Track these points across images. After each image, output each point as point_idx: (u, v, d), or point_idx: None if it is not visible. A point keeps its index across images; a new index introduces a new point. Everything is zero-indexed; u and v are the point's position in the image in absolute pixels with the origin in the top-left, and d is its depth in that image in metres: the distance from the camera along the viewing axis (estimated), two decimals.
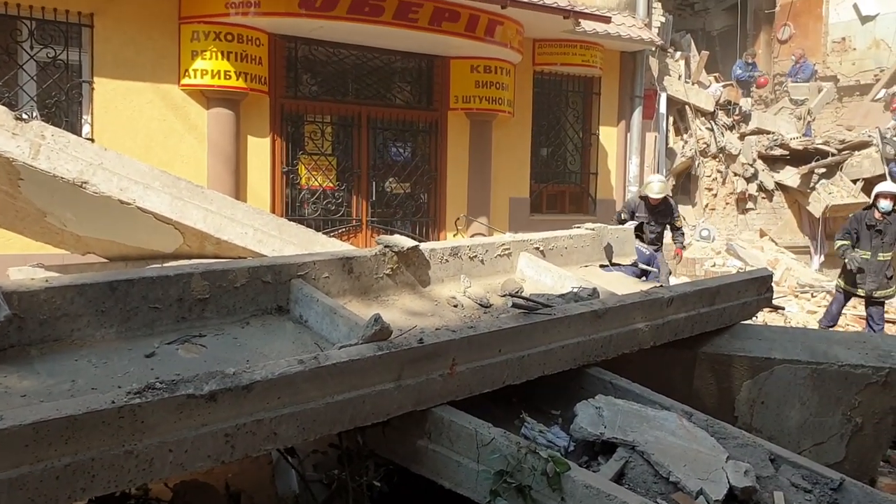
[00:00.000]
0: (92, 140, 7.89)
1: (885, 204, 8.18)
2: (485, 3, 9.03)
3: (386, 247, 3.66)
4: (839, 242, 8.48)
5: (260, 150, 9.10)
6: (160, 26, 8.41)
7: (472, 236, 9.83)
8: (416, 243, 3.76)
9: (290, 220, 4.53)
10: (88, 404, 2.02)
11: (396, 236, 3.79)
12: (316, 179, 9.63)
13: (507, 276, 4.18)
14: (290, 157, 9.42)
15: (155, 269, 3.30)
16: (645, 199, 8.95)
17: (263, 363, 2.43)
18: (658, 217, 8.95)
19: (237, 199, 7.19)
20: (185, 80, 8.53)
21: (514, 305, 3.26)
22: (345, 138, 9.90)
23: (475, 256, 4.11)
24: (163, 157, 8.27)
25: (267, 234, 4.10)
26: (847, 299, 8.67)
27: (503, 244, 4.27)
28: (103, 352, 2.72)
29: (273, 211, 8.88)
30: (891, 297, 8.47)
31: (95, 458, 2.00)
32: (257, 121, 9.03)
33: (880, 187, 8.50)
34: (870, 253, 8.25)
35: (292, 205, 9.45)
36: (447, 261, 3.98)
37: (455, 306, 3.75)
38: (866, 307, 8.61)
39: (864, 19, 16.13)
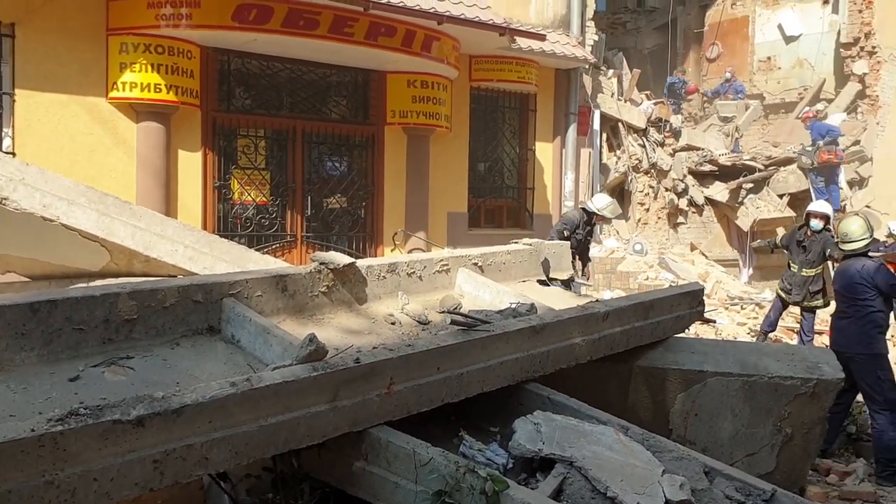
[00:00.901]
0: (13, 154, 7.59)
1: (815, 223, 8.49)
2: (421, 18, 9.05)
3: (321, 264, 3.60)
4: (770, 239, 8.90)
5: (191, 165, 8.90)
6: (86, 38, 8.16)
7: (409, 251, 9.81)
8: (352, 260, 3.71)
9: (222, 236, 4.44)
10: (6, 433, 1.91)
11: (332, 253, 3.74)
12: (249, 194, 9.47)
13: (446, 293, 4.17)
14: (223, 172, 9.24)
15: (80, 288, 3.17)
16: (590, 215, 9.26)
17: (194, 386, 2.36)
18: (589, 233, 9.36)
19: (168, 215, 7.03)
20: (114, 94, 8.29)
21: (453, 322, 3.24)
22: (279, 152, 9.77)
23: (413, 273, 4.08)
24: (89, 172, 8.01)
25: (198, 252, 4.00)
26: (784, 305, 8.95)
27: (441, 260, 4.25)
28: (23, 376, 2.59)
29: (205, 227, 8.69)
30: (819, 307, 8.76)
31: (13, 489, 1.90)
32: (189, 135, 8.83)
33: (812, 207, 8.82)
34: (796, 267, 8.55)
35: (225, 220, 9.26)
36: (384, 277, 3.94)
37: (393, 324, 3.71)
38: (801, 315, 8.97)
39: (789, 39, 16.75)
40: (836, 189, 13.66)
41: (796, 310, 9.22)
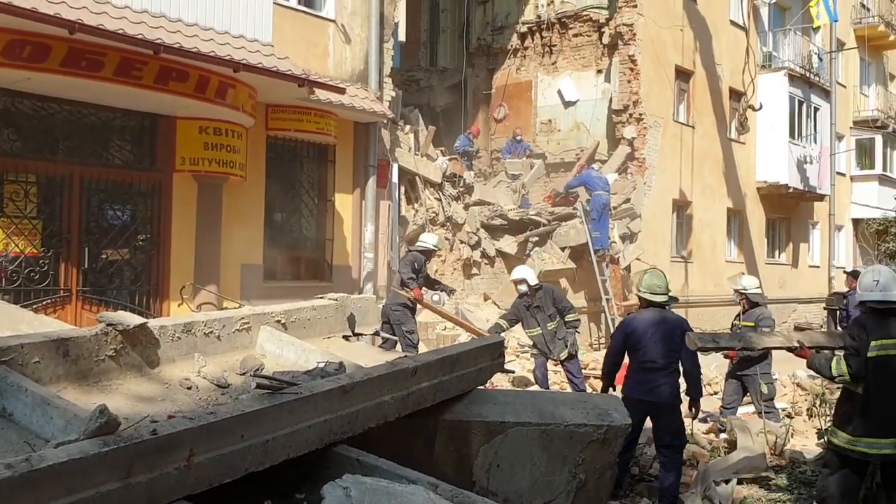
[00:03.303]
0: None
1: (521, 288, 9.12)
2: (216, 65, 8.77)
3: (109, 325, 3.29)
4: (497, 322, 9.43)
5: None
6: None
7: (199, 306, 9.31)
8: (143, 320, 3.43)
9: None
10: None
11: (121, 313, 3.43)
12: (17, 245, 8.58)
13: (247, 353, 3.96)
14: None
15: None
16: (425, 253, 9.80)
17: None
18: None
19: None
20: None
21: (259, 386, 3.06)
22: (53, 200, 8.96)
23: (211, 332, 3.84)
24: None
25: None
26: (546, 359, 9.41)
27: (242, 318, 4.04)
28: None
29: None
30: (575, 352, 9.31)
31: None
32: None
33: (513, 275, 9.37)
34: (539, 328, 9.08)
35: None
36: (179, 338, 3.68)
37: (189, 388, 3.46)
38: (562, 365, 9.43)
39: (567, 104, 18.09)
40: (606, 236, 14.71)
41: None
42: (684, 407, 6.24)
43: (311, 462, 3.33)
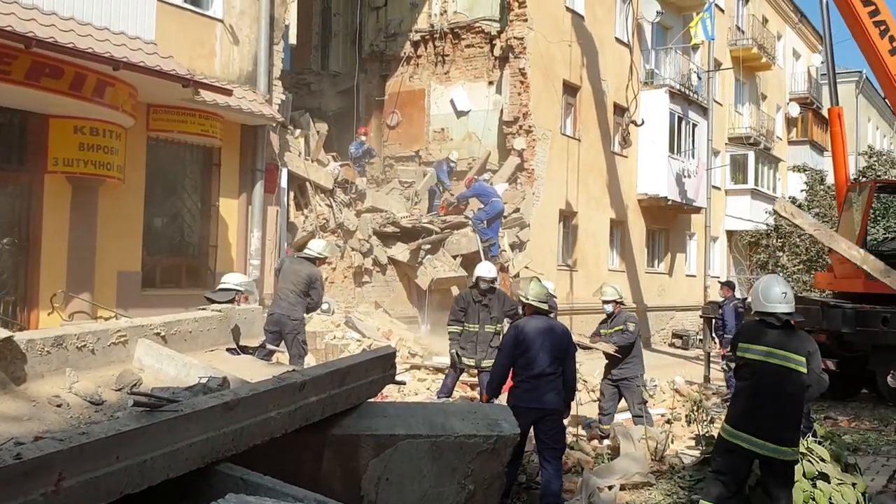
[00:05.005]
0: None
1: (484, 285, 9.10)
2: (94, 62, 8.34)
3: None
4: (450, 329, 9.18)
5: None
6: None
7: (71, 315, 8.81)
8: (9, 333, 3.19)
9: None
10: None
11: None
12: None
13: (124, 367, 3.74)
14: None
15: None
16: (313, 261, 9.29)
17: None
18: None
19: None
20: None
21: (136, 403, 2.89)
22: None
23: (84, 346, 3.61)
24: None
25: None
26: (460, 372, 9.37)
27: (119, 331, 3.82)
28: None
29: None
30: None
31: None
32: None
33: (478, 272, 9.35)
34: (478, 326, 9.06)
35: None
36: (49, 352, 3.44)
37: (59, 406, 3.24)
38: (478, 375, 9.31)
39: (459, 114, 18.27)
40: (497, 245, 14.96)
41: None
42: None
43: (193, 481, 3.18)
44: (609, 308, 8.96)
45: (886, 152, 28.98)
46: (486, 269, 9.28)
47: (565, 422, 6.66)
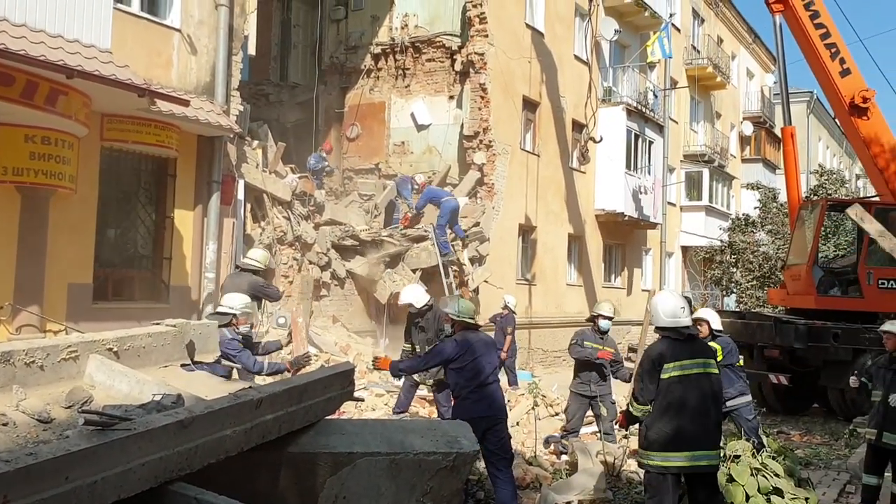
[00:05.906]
0: None
1: (412, 310, 9.11)
2: (47, 70, 8.15)
3: None
4: (404, 346, 9.35)
5: None
6: None
7: (18, 329, 8.57)
8: None
9: None
10: None
11: None
12: None
13: (74, 384, 3.63)
14: None
15: None
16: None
17: None
18: None
19: None
20: None
21: (87, 422, 2.80)
22: None
23: (33, 362, 3.50)
24: None
25: None
26: (416, 386, 9.35)
27: (69, 346, 3.71)
28: None
29: None
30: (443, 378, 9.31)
31: None
32: None
33: (403, 299, 9.32)
34: (418, 346, 9.06)
35: None
36: None
37: (5, 424, 3.12)
38: (433, 392, 9.31)
39: (420, 127, 18.28)
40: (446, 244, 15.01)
41: None
42: None
43: (146, 501, 3.09)
44: (606, 325, 8.94)
45: (837, 171, 29.78)
46: (410, 297, 9.20)
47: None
